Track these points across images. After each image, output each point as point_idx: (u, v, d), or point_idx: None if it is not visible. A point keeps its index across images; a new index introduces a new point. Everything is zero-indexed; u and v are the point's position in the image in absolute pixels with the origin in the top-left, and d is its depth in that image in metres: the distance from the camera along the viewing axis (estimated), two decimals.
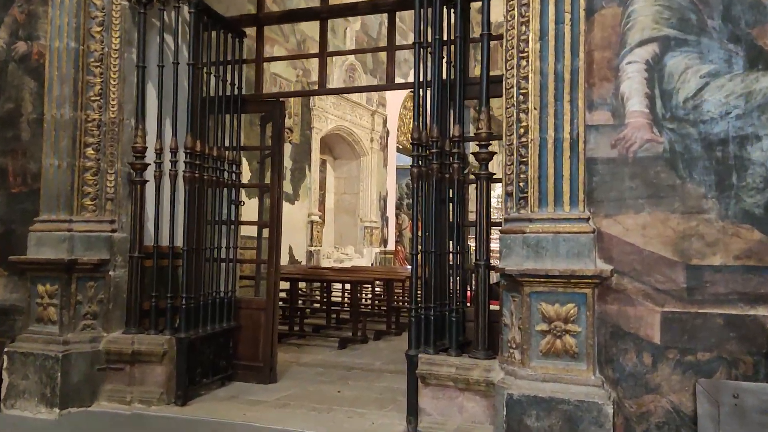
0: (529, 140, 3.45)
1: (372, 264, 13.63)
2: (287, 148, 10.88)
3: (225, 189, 5.09)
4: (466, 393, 3.66)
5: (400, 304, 9.20)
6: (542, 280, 3.30)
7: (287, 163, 10.89)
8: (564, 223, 3.33)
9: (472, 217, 4.03)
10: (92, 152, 4.43)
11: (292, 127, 11.02)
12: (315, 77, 11.51)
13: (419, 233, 4.01)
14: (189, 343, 4.44)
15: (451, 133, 4.00)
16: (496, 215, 4.84)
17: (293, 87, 10.89)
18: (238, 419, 4.03)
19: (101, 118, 4.47)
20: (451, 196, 4.13)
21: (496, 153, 3.90)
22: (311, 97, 11.51)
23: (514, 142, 3.54)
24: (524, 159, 3.48)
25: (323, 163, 13.43)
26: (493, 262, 3.84)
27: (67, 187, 4.35)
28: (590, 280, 3.24)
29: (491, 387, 3.53)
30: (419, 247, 3.98)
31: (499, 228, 3.71)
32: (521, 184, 3.49)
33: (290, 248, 10.96)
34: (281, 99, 5.44)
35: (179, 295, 4.49)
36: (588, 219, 3.33)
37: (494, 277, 3.82)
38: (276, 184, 5.26)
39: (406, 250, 17.52)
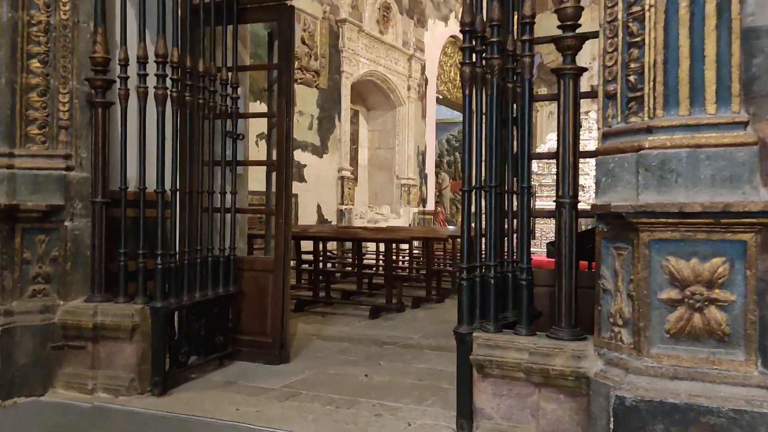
0: (647, 5, 2.22)
1: (409, 225, 12.50)
2: (313, 94, 9.74)
3: (225, 119, 3.98)
4: (543, 390, 2.52)
5: (443, 266, 8.07)
6: (671, 221, 2.12)
7: (313, 110, 9.77)
8: (707, 131, 2.12)
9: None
10: (38, 65, 3.35)
11: (319, 70, 9.85)
12: (343, 14, 10.30)
13: (473, 162, 2.84)
14: (167, 313, 3.40)
15: (521, 11, 2.80)
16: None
17: (319, 25, 9.68)
18: (227, 416, 2.99)
19: (50, 21, 3.38)
20: (514, 115, 2.96)
21: (586, 37, 2.68)
22: (340, 38, 10.29)
23: (619, 16, 2.32)
24: (637, 38, 2.26)
25: (355, 114, 12.25)
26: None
27: (6, 111, 3.29)
28: (753, 220, 2.04)
29: (583, 382, 2.38)
30: (472, 181, 2.82)
31: (595, 150, 2.51)
32: (631, 78, 2.28)
33: (318, 207, 9.91)
34: (290, 3, 4.24)
35: (156, 253, 3.43)
36: (746, 124, 2.11)
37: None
38: (285, 112, 4.11)
39: (446, 212, 16.34)
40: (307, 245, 7.32)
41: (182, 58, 3.64)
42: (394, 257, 6.45)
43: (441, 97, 14.22)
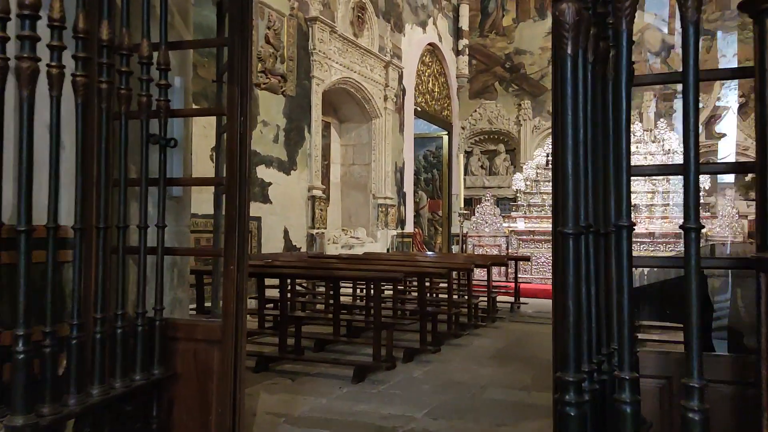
0: None
1: (388, 249, 11.23)
2: (279, 102, 8.44)
3: (148, 117, 2.66)
4: None
5: (440, 305, 6.82)
6: None
7: (279, 120, 8.47)
8: None
9: None
10: None
11: (286, 75, 8.56)
12: (313, 12, 9.07)
13: (579, 185, 1.59)
14: None
15: None
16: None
17: (286, 22, 8.41)
18: None
19: None
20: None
21: None
22: (310, 39, 9.03)
23: None
24: None
25: (326, 126, 10.98)
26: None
27: None
28: None
29: None
30: (579, 217, 1.57)
31: None
32: None
33: (285, 231, 8.57)
34: None
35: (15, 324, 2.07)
36: None
37: None
38: (238, 107, 2.80)
39: (424, 233, 15.13)
40: (272, 281, 5.99)
41: (110, 35, 2.33)
42: (380, 297, 5.17)
43: (419, 109, 13.07)
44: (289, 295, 5.90)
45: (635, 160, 11.95)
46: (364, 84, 10.60)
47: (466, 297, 7.06)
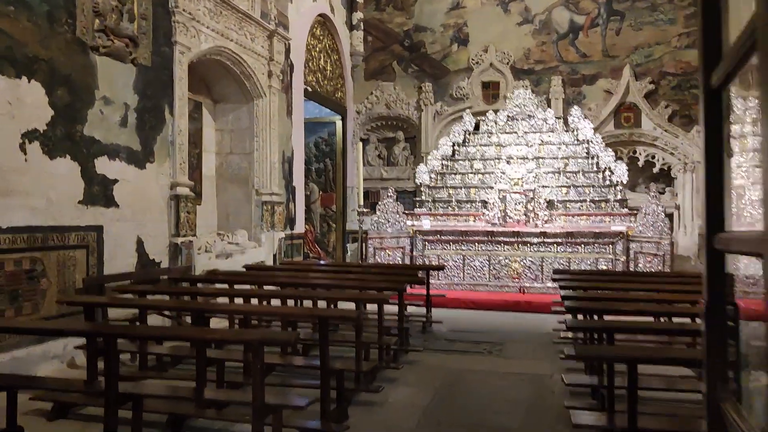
0: None
1: (275, 255, 9.46)
2: (128, 73, 6.43)
3: None
4: None
5: (343, 341, 5.20)
6: None
7: (128, 97, 6.46)
8: None
9: None
10: None
11: (137, 38, 6.54)
12: None
13: None
14: None
15: None
16: None
17: None
18: None
19: None
20: None
21: None
22: None
23: None
24: None
25: (197, 107, 9.00)
26: None
27: None
28: None
29: None
30: None
31: None
32: None
33: (139, 242, 6.59)
34: None
35: None
36: None
37: None
38: None
39: (316, 231, 13.45)
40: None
41: None
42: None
43: (310, 89, 11.32)
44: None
45: (547, 151, 10.93)
46: (244, 56, 8.69)
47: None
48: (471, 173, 11.03)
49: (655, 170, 12.30)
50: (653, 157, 12.34)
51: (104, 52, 6.07)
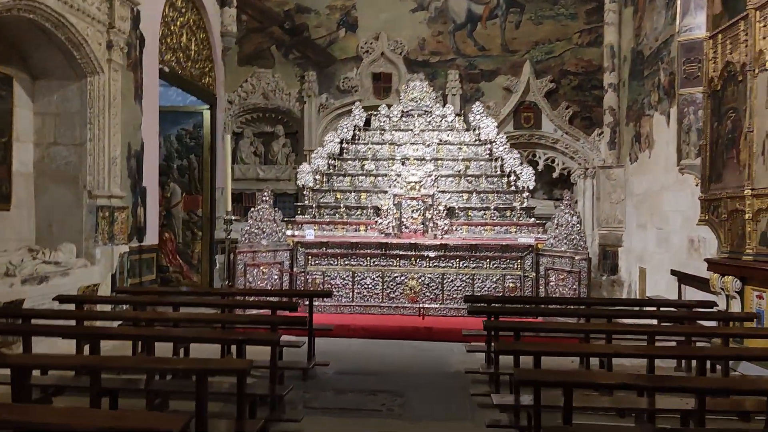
0: None
1: (114, 276, 7.44)
2: None
3: None
4: None
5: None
6: None
7: None
8: None
9: None
10: None
11: None
12: None
13: None
14: None
15: None
16: None
17: None
18: None
19: None
20: None
21: None
22: None
23: None
24: None
25: (5, 81, 6.82)
26: None
27: None
28: None
29: None
30: None
31: None
32: None
33: None
34: None
35: None
36: None
37: None
38: None
39: (178, 239, 11.40)
40: None
41: None
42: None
43: (168, 70, 9.32)
44: None
45: (446, 152, 9.68)
46: (69, 17, 6.63)
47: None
48: (362, 175, 9.54)
49: (555, 175, 11.52)
50: (553, 161, 11.55)
51: None
